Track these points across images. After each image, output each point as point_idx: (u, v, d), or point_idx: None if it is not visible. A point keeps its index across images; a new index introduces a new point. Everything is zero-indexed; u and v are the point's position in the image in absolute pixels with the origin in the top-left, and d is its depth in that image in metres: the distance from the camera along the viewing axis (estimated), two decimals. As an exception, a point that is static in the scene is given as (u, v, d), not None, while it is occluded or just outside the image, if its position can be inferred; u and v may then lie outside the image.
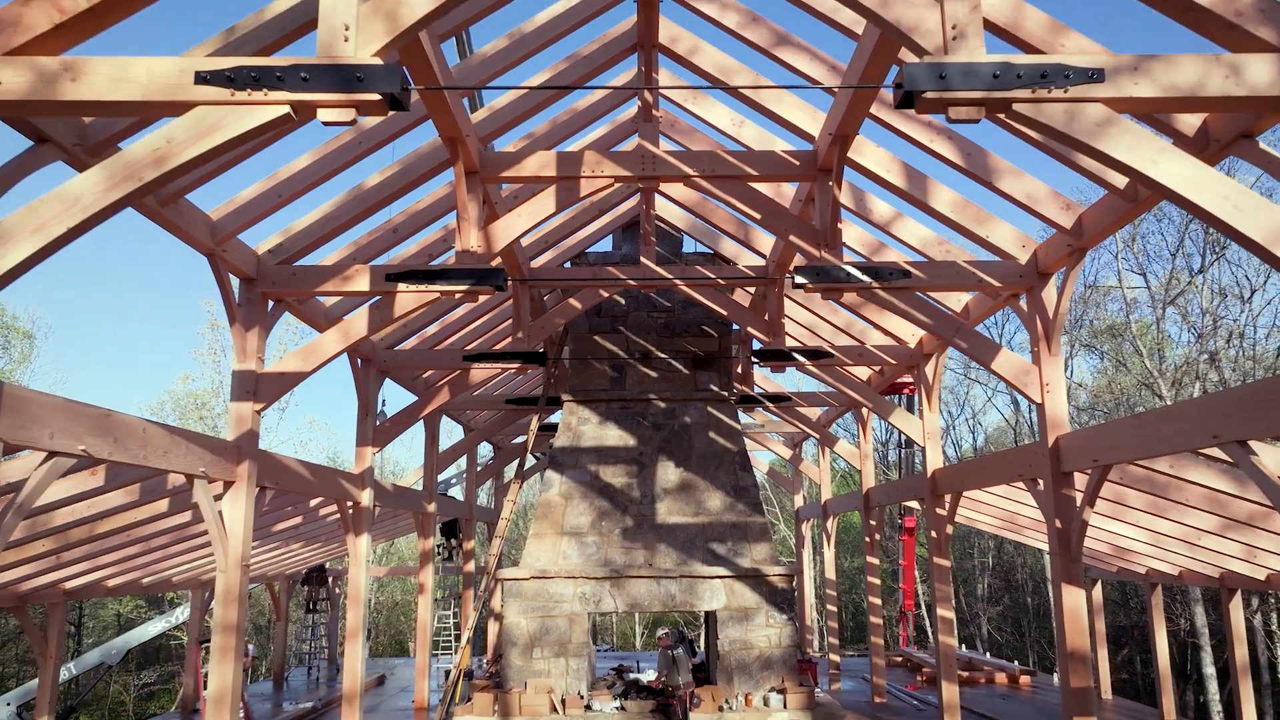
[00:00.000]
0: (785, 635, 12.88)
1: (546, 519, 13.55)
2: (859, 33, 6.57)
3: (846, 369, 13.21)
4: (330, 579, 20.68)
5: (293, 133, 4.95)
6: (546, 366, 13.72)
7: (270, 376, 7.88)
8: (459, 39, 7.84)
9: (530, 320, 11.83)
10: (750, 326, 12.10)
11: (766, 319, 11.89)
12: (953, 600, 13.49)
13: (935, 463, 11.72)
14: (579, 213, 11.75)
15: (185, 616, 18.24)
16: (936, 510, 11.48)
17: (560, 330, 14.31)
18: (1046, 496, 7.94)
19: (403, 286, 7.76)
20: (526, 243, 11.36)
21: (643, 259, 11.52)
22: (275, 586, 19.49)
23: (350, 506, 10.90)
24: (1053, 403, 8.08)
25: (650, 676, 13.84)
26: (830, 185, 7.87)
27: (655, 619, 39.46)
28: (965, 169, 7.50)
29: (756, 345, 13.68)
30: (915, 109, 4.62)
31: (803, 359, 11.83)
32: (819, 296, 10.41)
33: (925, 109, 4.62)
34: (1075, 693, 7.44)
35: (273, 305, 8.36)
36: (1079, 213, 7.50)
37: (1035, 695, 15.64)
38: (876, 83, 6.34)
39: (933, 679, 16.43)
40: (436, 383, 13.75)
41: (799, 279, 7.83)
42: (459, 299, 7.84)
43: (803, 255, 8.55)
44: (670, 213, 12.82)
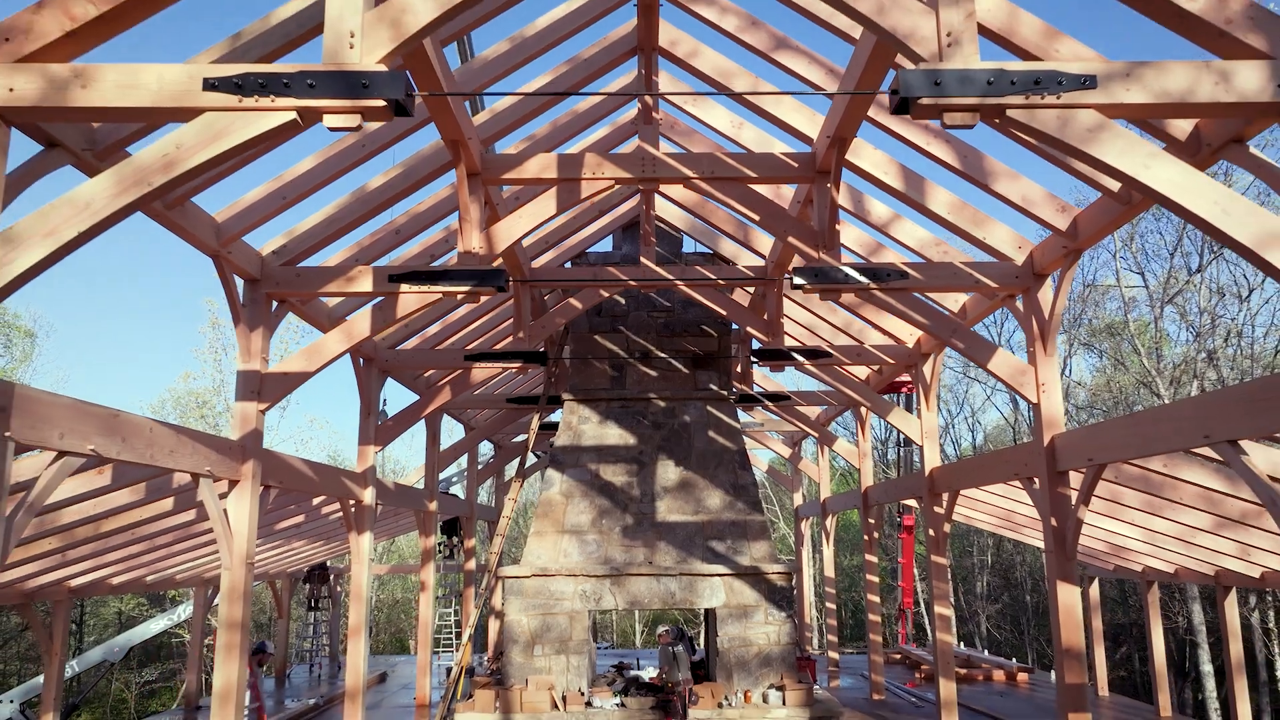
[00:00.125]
0: (784, 633, 12.97)
1: (547, 517, 13.64)
2: (856, 37, 6.65)
3: (845, 368, 13.29)
4: (331, 577, 20.78)
5: (297, 135, 5.02)
6: (547, 366, 13.80)
7: (274, 376, 7.96)
8: (461, 43, 7.93)
9: (531, 320, 11.91)
10: (749, 326, 12.18)
11: (765, 319, 11.97)
12: (951, 598, 13.57)
13: (933, 461, 11.82)
14: (579, 213, 11.81)
15: (187, 614, 18.34)
16: (934, 509, 11.57)
17: (561, 330, 14.38)
18: (1042, 495, 8.02)
19: (405, 287, 7.84)
20: (527, 243, 11.44)
21: (643, 259, 11.59)
22: (277, 584, 19.57)
23: (353, 505, 10.99)
24: (1048, 402, 8.16)
25: (650, 674, 13.93)
26: (828, 187, 7.95)
27: (655, 617, 39.56)
28: (962, 171, 7.58)
29: (756, 345, 13.77)
30: (911, 115, 4.69)
31: (801, 359, 11.90)
32: (817, 297, 10.49)
33: (921, 115, 4.70)
34: (1070, 689, 7.54)
35: (276, 306, 8.44)
36: (1074, 215, 7.58)
37: (1033, 692, 15.73)
38: (874, 86, 6.40)
39: (931, 676, 16.53)
40: (438, 382, 13.83)
41: (797, 280, 7.90)
42: (461, 299, 7.91)
43: (801, 256, 8.62)
44: (670, 213, 12.89)
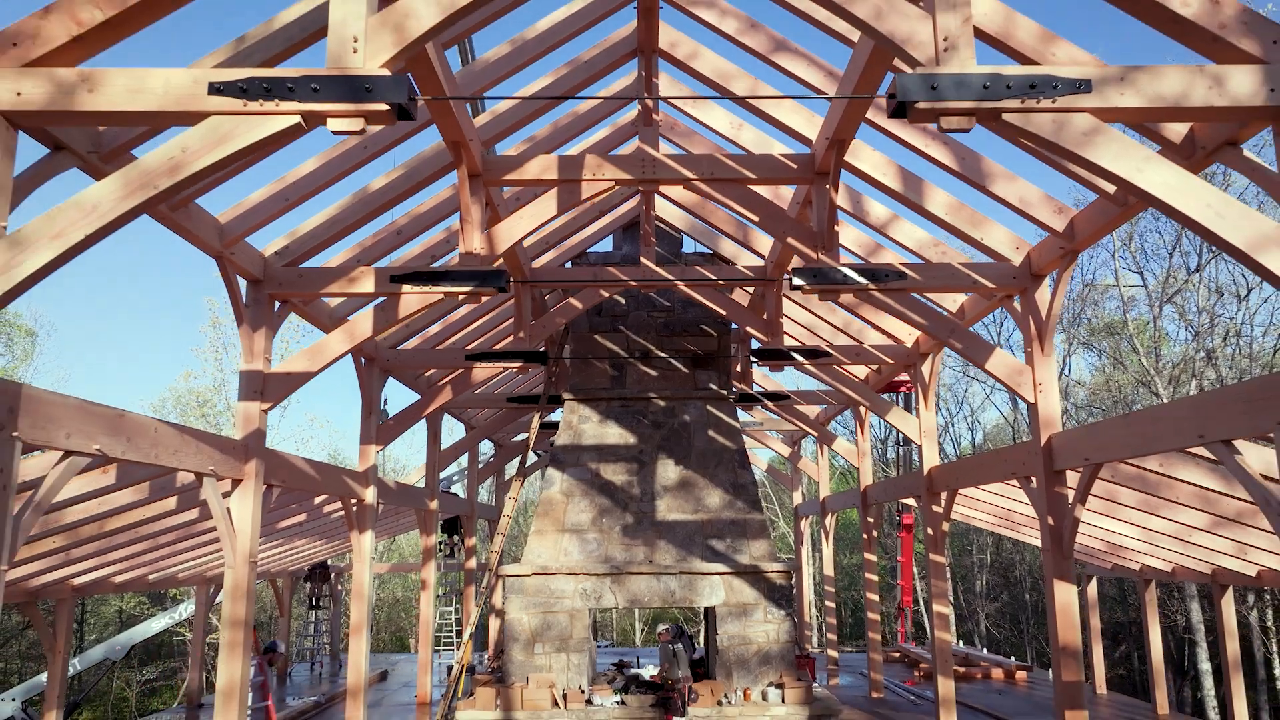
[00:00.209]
0: (783, 631, 13.03)
1: (548, 516, 13.70)
2: (855, 40, 6.71)
3: (844, 368, 13.34)
4: (332, 575, 20.84)
5: (300, 137, 5.07)
6: (547, 365, 13.85)
7: (277, 376, 8.02)
8: (462, 46, 7.98)
9: (531, 320, 11.96)
10: (749, 326, 12.23)
11: (765, 318, 12.02)
12: (950, 596, 13.63)
13: (931, 460, 11.87)
14: (580, 214, 11.85)
15: (189, 613, 18.42)
16: (932, 508, 11.63)
17: (561, 329, 14.43)
18: (1039, 494, 8.07)
19: (407, 288, 7.89)
20: (528, 243, 11.48)
21: (643, 259, 11.64)
22: (278, 583, 19.64)
23: (354, 504, 11.04)
24: (1045, 402, 8.22)
25: (651, 672, 13.99)
26: (827, 188, 8.01)
27: (655, 615, 39.64)
28: (960, 173, 7.63)
29: (755, 344, 13.83)
30: (908, 119, 4.75)
31: (801, 358, 11.96)
32: (816, 297, 10.54)
33: (918, 119, 4.75)
34: (1067, 686, 7.60)
35: (279, 306, 8.49)
36: (1071, 216, 7.63)
37: (1031, 690, 15.79)
38: (872, 88, 6.45)
39: (930, 674, 16.59)
40: (439, 381, 13.88)
41: (796, 281, 7.94)
42: (462, 300, 7.96)
43: (800, 257, 8.67)
44: (670, 213, 12.94)
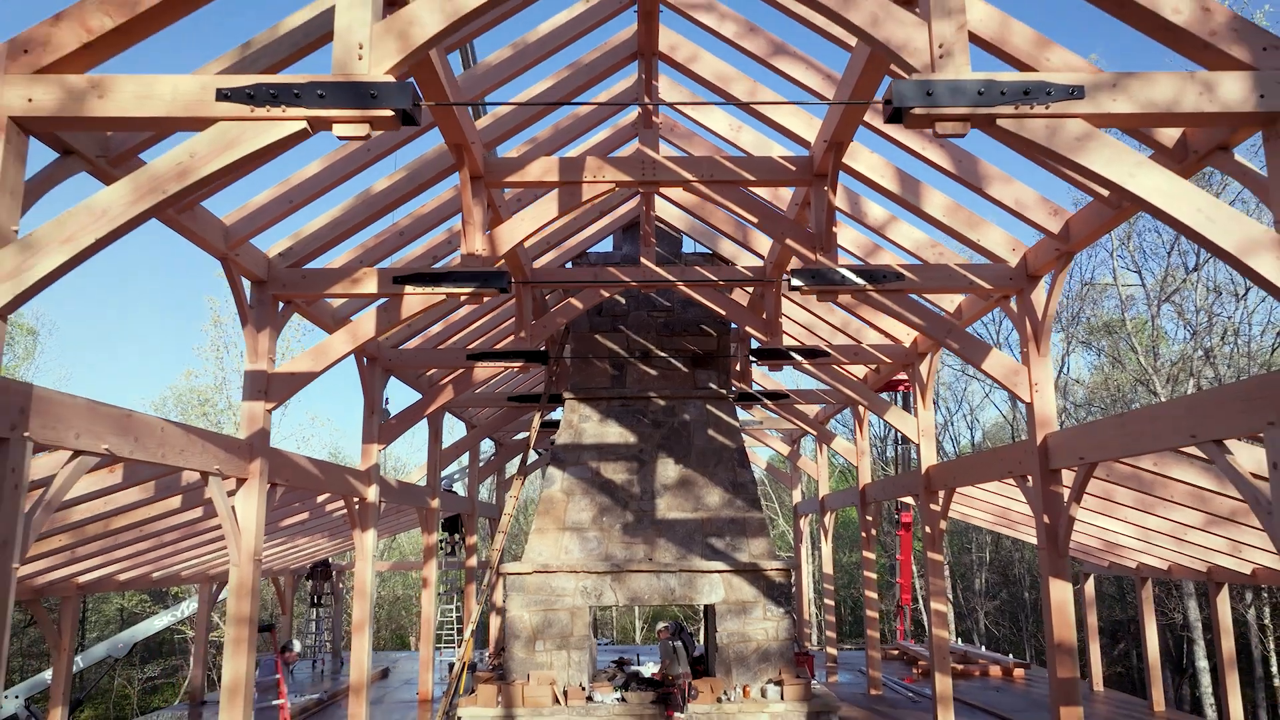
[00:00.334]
0: (782, 628, 13.12)
1: (548, 514, 13.79)
2: (853, 44, 6.79)
3: (843, 367, 13.43)
4: (334, 573, 20.94)
5: (304, 140, 5.15)
6: (548, 365, 13.94)
7: (281, 376, 8.10)
8: (464, 49, 8.06)
9: (532, 320, 12.04)
10: (748, 326, 12.31)
11: (764, 318, 12.11)
12: (948, 594, 13.72)
13: (929, 459, 11.96)
14: (580, 214, 11.93)
15: (191, 611, 18.52)
16: (930, 506, 11.71)
17: (562, 329, 14.51)
18: (1035, 493, 8.16)
19: (410, 289, 7.97)
20: (529, 244, 11.56)
21: (643, 260, 11.71)
22: (280, 581, 19.73)
23: (357, 502, 11.13)
24: (1041, 402, 8.30)
25: (651, 669, 14.08)
26: (825, 190, 8.08)
27: (655, 613, 39.76)
28: (956, 176, 7.71)
29: (754, 344, 13.91)
30: (904, 124, 4.83)
31: (800, 358, 12.04)
32: (815, 298, 10.62)
33: (913, 124, 4.83)
34: (1062, 683, 7.68)
35: (283, 307, 8.57)
36: (1066, 218, 7.71)
37: (1029, 687, 15.89)
38: (870, 92, 6.53)
39: (928, 671, 16.69)
40: (440, 381, 13.96)
41: (795, 282, 8.02)
42: (464, 300, 8.04)
43: (799, 258, 8.75)
44: (670, 214, 13.02)
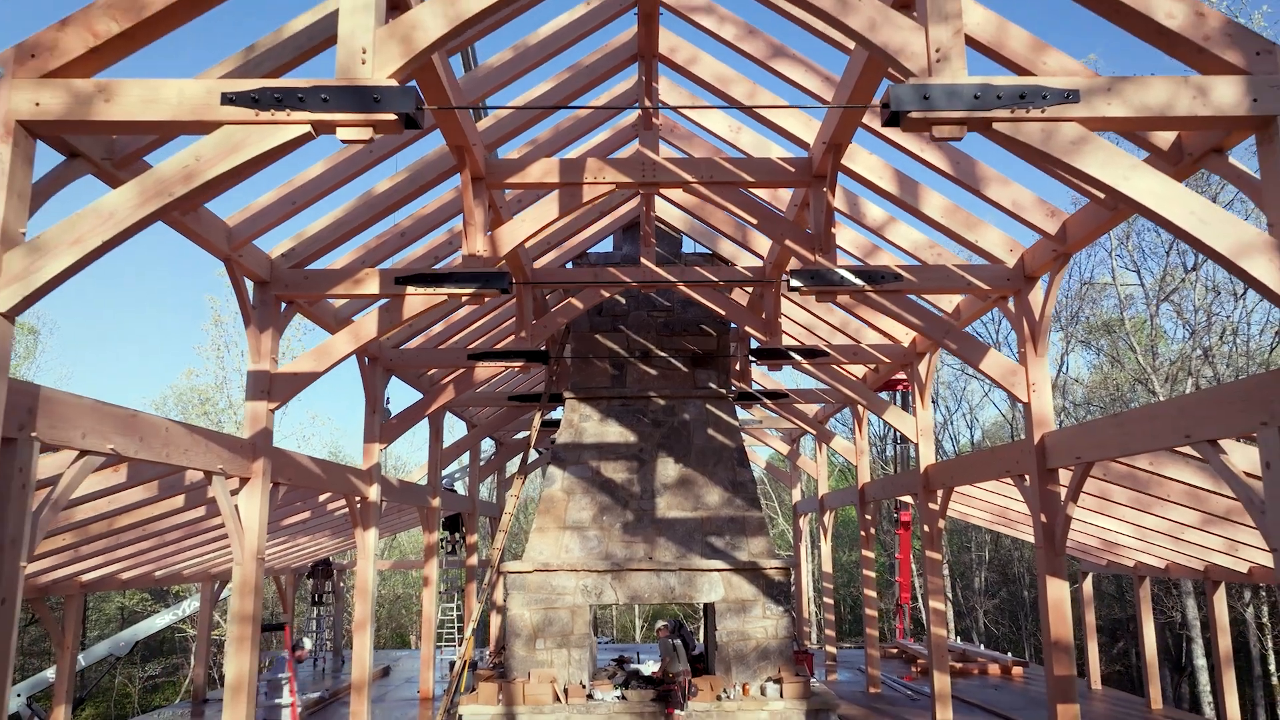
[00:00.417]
0: (782, 627, 13.18)
1: (549, 513, 13.85)
2: (851, 46, 6.84)
3: (842, 367, 13.48)
4: (335, 572, 21.00)
5: (307, 143, 5.21)
6: (549, 364, 14.00)
7: (284, 376, 8.15)
8: (465, 52, 8.12)
9: (533, 319, 12.10)
10: (748, 325, 12.37)
11: (764, 318, 12.16)
12: (946, 593, 13.79)
13: (928, 459, 12.02)
14: (581, 214, 11.98)
15: (193, 609, 18.57)
16: (929, 505, 11.77)
17: (562, 329, 14.57)
18: (1033, 492, 8.22)
19: (411, 289, 8.02)
20: (529, 245, 11.62)
21: (643, 260, 11.77)
22: (282, 579, 19.79)
23: (358, 501, 11.19)
24: (1039, 402, 8.35)
25: (651, 667, 14.14)
26: (824, 191, 8.13)
27: (655, 612, 39.84)
28: (954, 177, 7.76)
29: (754, 344, 13.97)
30: (901, 128, 4.89)
31: (799, 358, 12.09)
32: (814, 298, 10.68)
33: (910, 128, 4.89)
34: (1059, 681, 7.74)
35: (285, 307, 8.62)
36: (1063, 219, 7.77)
37: (1027, 686, 15.96)
38: (868, 94, 6.58)
39: (927, 670, 16.73)
40: (441, 380, 14.02)
41: (794, 282, 8.08)
42: (465, 301, 8.10)
43: (798, 258, 8.81)
44: (670, 214, 13.07)
